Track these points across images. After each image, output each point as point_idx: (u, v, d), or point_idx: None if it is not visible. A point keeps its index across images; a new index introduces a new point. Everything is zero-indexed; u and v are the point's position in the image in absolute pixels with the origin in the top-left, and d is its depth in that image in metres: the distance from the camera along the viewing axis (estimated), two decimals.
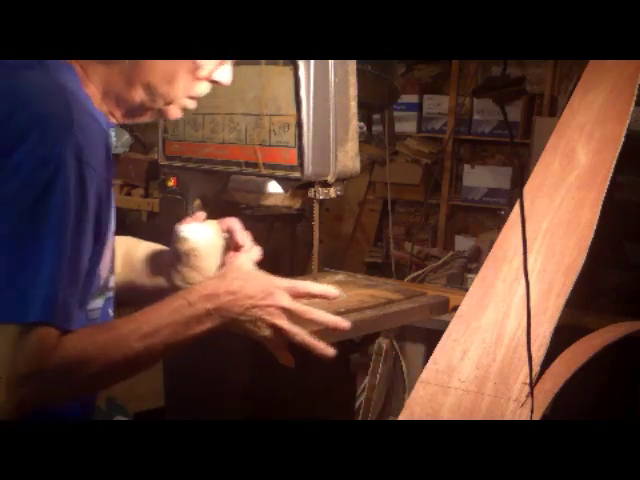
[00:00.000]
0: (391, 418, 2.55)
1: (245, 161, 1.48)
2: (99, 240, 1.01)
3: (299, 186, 1.45)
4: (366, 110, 1.71)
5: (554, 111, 4.04)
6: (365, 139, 1.63)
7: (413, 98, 4.49)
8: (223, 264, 1.25)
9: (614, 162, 1.41)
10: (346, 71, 1.41)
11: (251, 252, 1.25)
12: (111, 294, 1.14)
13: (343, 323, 1.13)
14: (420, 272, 3.01)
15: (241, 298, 1.06)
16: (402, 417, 1.30)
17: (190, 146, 1.58)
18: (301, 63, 1.34)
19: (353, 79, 1.43)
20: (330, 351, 1.10)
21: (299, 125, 1.37)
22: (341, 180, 1.45)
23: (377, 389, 2.55)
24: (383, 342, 2.53)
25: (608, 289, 2.32)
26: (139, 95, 1.09)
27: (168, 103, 1.12)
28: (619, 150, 1.41)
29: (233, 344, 1.57)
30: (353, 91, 1.43)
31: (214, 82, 1.14)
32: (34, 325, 0.89)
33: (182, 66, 1.09)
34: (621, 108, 1.48)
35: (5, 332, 0.89)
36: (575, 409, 1.69)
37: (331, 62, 1.37)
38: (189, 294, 1.05)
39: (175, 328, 1.02)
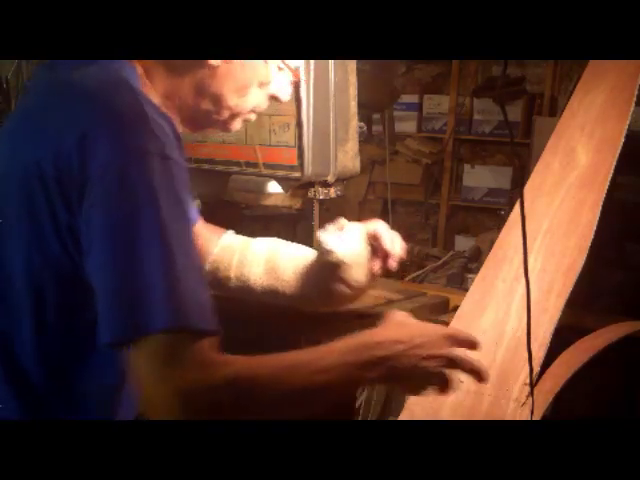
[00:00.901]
0: (391, 418, 2.55)
1: (245, 161, 1.48)
2: None
3: (299, 186, 1.45)
4: (366, 110, 1.71)
5: (554, 111, 4.04)
6: (365, 139, 1.63)
7: (413, 98, 4.49)
8: (376, 272, 1.20)
9: (614, 162, 1.41)
10: (346, 71, 1.41)
11: (394, 260, 1.19)
12: None
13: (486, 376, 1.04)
14: (420, 272, 3.01)
15: (412, 348, 0.98)
16: (402, 417, 1.30)
17: (190, 146, 1.58)
18: (301, 63, 1.34)
19: (353, 79, 1.43)
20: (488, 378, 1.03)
21: (299, 125, 1.37)
22: (341, 180, 1.45)
23: (377, 389, 2.55)
24: None
25: (608, 289, 2.31)
26: (206, 105, 1.06)
27: (234, 116, 1.10)
28: (619, 150, 1.41)
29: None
30: (353, 91, 1.43)
31: (275, 98, 1.14)
32: (167, 332, 0.82)
33: (254, 80, 1.07)
34: (621, 108, 1.48)
35: (146, 347, 0.83)
36: (575, 409, 1.69)
37: (331, 62, 1.37)
38: (362, 338, 0.98)
39: (350, 368, 0.95)
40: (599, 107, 1.53)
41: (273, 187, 1.49)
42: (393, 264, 1.20)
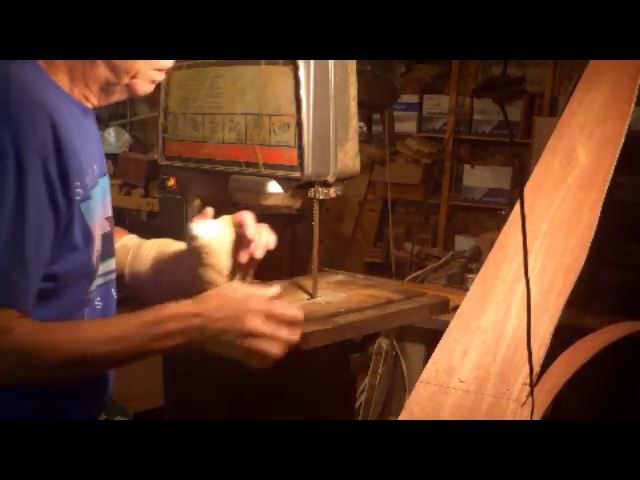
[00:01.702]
0: (391, 418, 2.55)
1: (245, 161, 1.48)
2: (69, 226, 1.04)
3: (299, 186, 1.45)
4: (366, 110, 1.71)
5: (554, 111, 4.04)
6: (365, 139, 1.63)
7: (413, 98, 4.48)
8: (240, 259, 1.23)
9: (614, 162, 1.41)
10: (346, 71, 1.41)
11: (258, 247, 1.23)
12: (103, 280, 1.18)
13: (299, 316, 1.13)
14: (420, 272, 3.01)
15: (212, 321, 1.07)
16: (402, 417, 1.30)
17: (190, 146, 1.58)
18: (301, 63, 1.34)
19: (353, 79, 1.43)
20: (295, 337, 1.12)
21: (299, 125, 1.36)
22: (341, 180, 1.45)
23: (377, 389, 2.55)
24: (383, 342, 2.53)
25: (608, 289, 2.31)
26: (103, 73, 1.11)
27: (133, 77, 1.13)
28: (619, 150, 1.41)
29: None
30: (353, 91, 1.43)
31: None
32: None
33: None
34: (621, 108, 1.48)
35: None
36: (575, 409, 1.69)
37: (331, 62, 1.37)
38: (161, 311, 1.07)
39: (141, 340, 1.05)
40: (599, 107, 1.53)
41: (273, 187, 1.49)
42: (257, 251, 1.22)
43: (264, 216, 1.83)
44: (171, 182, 1.66)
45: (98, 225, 1.13)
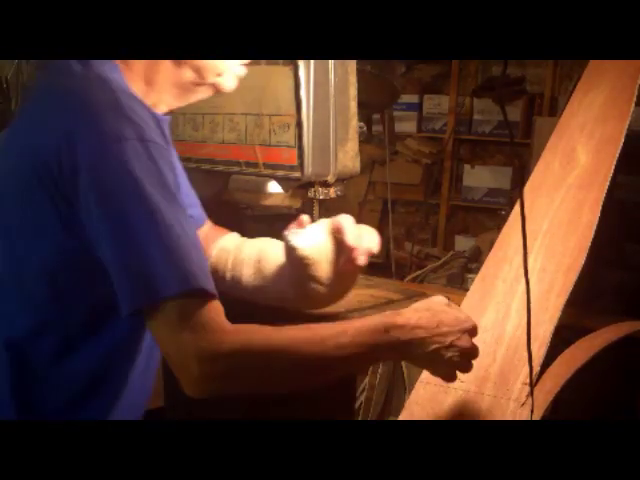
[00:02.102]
0: (391, 418, 2.55)
1: (245, 161, 1.48)
2: None
3: (299, 186, 1.45)
4: (366, 110, 1.71)
5: (554, 111, 4.04)
6: (365, 139, 1.63)
7: (413, 98, 4.49)
8: (341, 267, 1.17)
9: (614, 162, 1.40)
10: (346, 71, 1.41)
11: (361, 254, 1.16)
12: None
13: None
14: (420, 272, 3.02)
15: (433, 336, 1.02)
16: (402, 417, 1.30)
17: (190, 146, 1.58)
18: (301, 63, 1.34)
19: (353, 79, 1.43)
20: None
21: (299, 125, 1.36)
22: (341, 180, 1.45)
23: (377, 389, 2.55)
24: None
25: (608, 289, 2.31)
26: (188, 74, 1.09)
27: (219, 74, 1.12)
28: (619, 150, 1.41)
29: None
30: (353, 91, 1.43)
31: None
32: (179, 297, 0.88)
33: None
34: (621, 108, 1.48)
35: (161, 315, 0.89)
36: (575, 409, 1.69)
37: (331, 62, 1.37)
38: (385, 319, 1.02)
39: (365, 349, 0.98)
40: (599, 107, 1.53)
41: (273, 187, 1.49)
42: (361, 258, 1.16)
43: (264, 216, 1.83)
44: None
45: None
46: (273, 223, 1.88)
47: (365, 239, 1.17)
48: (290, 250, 1.17)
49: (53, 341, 1.00)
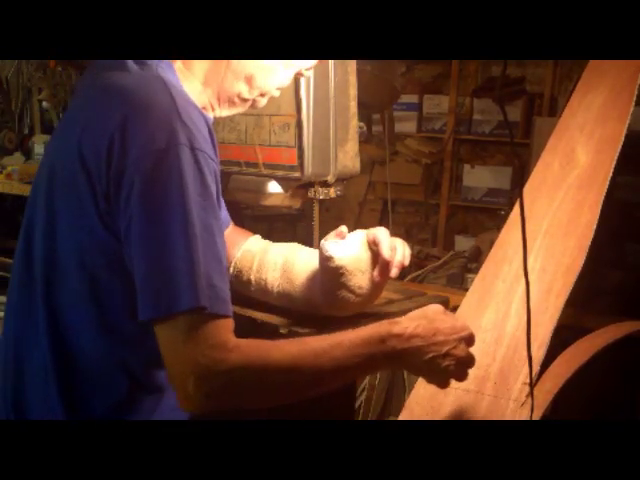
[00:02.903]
0: (391, 418, 2.55)
1: (245, 161, 1.48)
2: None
3: (299, 186, 1.45)
4: (366, 110, 1.71)
5: (554, 111, 4.04)
6: (365, 139, 1.63)
7: (413, 98, 4.49)
8: (375, 278, 1.19)
9: (614, 162, 1.41)
10: (346, 71, 1.41)
11: (394, 267, 1.17)
12: None
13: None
14: (420, 272, 3.01)
15: (430, 345, 1.03)
16: (402, 417, 1.30)
17: None
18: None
19: (353, 79, 1.43)
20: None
21: (299, 125, 1.36)
22: (341, 180, 1.45)
23: (377, 389, 2.55)
24: None
25: (608, 289, 2.31)
26: (241, 86, 1.13)
27: (262, 94, 1.17)
28: (619, 150, 1.41)
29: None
30: (353, 91, 1.43)
31: (300, 74, 1.22)
32: (189, 313, 0.89)
33: (281, 60, 1.15)
34: (621, 108, 1.48)
35: (171, 326, 0.90)
36: (575, 409, 1.69)
37: (331, 62, 1.37)
38: (381, 329, 1.02)
39: (361, 360, 0.99)
40: (599, 107, 1.53)
41: (273, 187, 1.48)
42: (394, 271, 1.18)
43: (264, 216, 1.83)
44: None
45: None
46: (273, 223, 1.88)
47: (399, 252, 1.19)
48: (326, 259, 1.18)
49: (96, 338, 1.00)
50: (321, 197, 1.44)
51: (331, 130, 1.39)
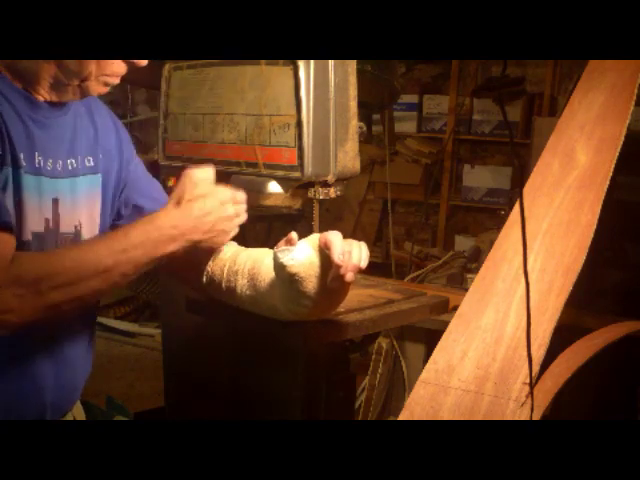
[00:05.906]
0: (391, 418, 2.55)
1: (245, 161, 1.48)
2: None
3: (299, 186, 1.45)
4: (366, 110, 1.71)
5: (554, 111, 4.04)
6: (365, 139, 1.63)
7: (413, 98, 4.49)
8: (329, 284, 1.16)
9: (614, 162, 1.41)
10: (346, 71, 1.41)
11: (348, 271, 1.14)
12: None
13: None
14: (420, 272, 3.01)
15: (203, 221, 1.16)
16: (402, 417, 1.30)
17: (190, 146, 1.58)
18: (301, 63, 1.34)
19: (353, 79, 1.43)
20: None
21: (299, 125, 1.36)
22: (341, 180, 1.45)
23: (377, 389, 2.55)
24: (383, 342, 2.53)
25: (608, 289, 2.31)
26: (53, 72, 1.12)
27: (84, 80, 1.14)
28: (619, 150, 1.41)
29: (235, 345, 1.57)
30: (353, 91, 1.43)
31: (129, 62, 1.15)
32: None
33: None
34: (621, 108, 1.48)
35: None
36: (575, 409, 1.69)
37: (331, 62, 1.37)
38: (158, 219, 1.14)
39: (144, 249, 1.11)
40: (599, 107, 1.53)
41: (273, 187, 1.48)
42: (349, 275, 1.13)
43: (264, 216, 1.83)
44: (171, 182, 1.66)
45: (43, 210, 1.14)
46: (273, 223, 1.88)
47: (354, 255, 1.15)
48: (279, 268, 1.17)
49: None
50: (321, 197, 1.44)
51: (331, 130, 1.39)
